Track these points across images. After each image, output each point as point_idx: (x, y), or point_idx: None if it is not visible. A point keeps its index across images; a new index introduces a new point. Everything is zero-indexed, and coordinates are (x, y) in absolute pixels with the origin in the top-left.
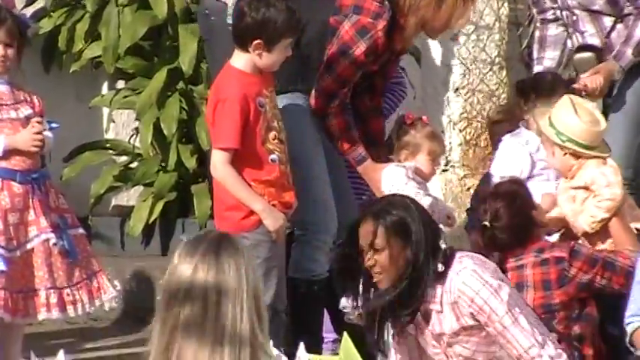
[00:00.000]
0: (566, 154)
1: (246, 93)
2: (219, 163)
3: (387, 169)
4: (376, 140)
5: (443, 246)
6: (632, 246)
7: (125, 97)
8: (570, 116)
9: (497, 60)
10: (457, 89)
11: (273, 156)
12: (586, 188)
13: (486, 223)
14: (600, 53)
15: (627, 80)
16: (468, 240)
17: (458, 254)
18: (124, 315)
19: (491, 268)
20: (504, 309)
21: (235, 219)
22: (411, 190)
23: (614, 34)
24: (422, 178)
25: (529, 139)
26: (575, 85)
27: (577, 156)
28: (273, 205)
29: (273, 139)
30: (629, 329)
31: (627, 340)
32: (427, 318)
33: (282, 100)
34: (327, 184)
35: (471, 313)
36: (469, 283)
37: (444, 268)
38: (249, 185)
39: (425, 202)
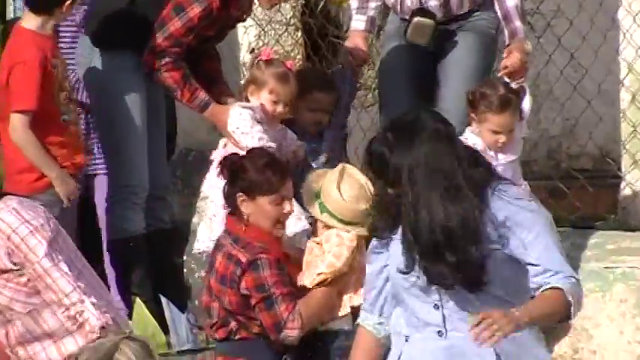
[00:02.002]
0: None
1: (43, 54)
2: (20, 125)
3: (233, 110)
4: (214, 78)
5: None
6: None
7: None
8: (333, 189)
9: (292, 21)
10: (252, 50)
11: (65, 117)
12: (320, 244)
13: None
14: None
15: (459, 34)
16: None
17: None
18: None
19: (40, 211)
20: (44, 251)
21: (27, 181)
22: (255, 134)
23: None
24: (266, 116)
25: (476, 142)
26: (500, 74)
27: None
28: (65, 167)
29: (64, 100)
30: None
31: None
32: None
33: (111, 58)
34: (142, 145)
35: (8, 253)
36: (6, 220)
37: None
38: (44, 148)
39: (269, 146)
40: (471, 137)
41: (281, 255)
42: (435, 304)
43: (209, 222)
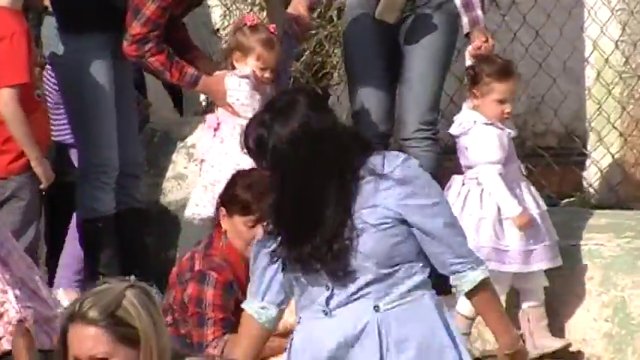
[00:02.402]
0: None
1: (26, 27)
2: (11, 100)
3: (231, 81)
4: (185, 45)
5: None
6: None
7: None
8: None
9: (257, 1)
10: (217, 30)
11: (38, 91)
12: None
13: None
14: None
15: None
16: None
17: None
18: None
19: None
20: None
21: (3, 163)
22: (255, 105)
23: None
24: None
25: (476, 119)
26: (473, 53)
27: None
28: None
29: (38, 75)
30: None
31: None
32: None
33: (79, 41)
34: (112, 124)
35: None
36: None
37: None
38: None
39: None
40: (468, 113)
41: (241, 278)
42: (327, 285)
43: (210, 188)
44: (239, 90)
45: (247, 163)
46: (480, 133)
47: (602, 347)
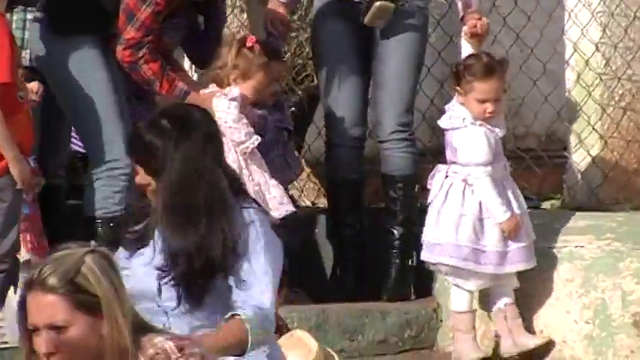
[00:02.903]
0: None
1: (9, 28)
2: None
3: (220, 103)
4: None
5: None
6: None
7: None
8: None
9: (237, 3)
10: None
11: (21, 93)
12: None
13: None
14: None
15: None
16: None
17: None
18: None
19: None
20: None
21: None
22: (242, 128)
23: None
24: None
25: (465, 116)
26: (469, 31)
27: None
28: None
29: (21, 76)
30: None
31: None
32: None
33: (67, 42)
34: (117, 121)
35: None
36: None
37: None
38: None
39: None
40: (459, 109)
41: None
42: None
43: None
44: (227, 112)
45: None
46: (469, 133)
47: (583, 349)
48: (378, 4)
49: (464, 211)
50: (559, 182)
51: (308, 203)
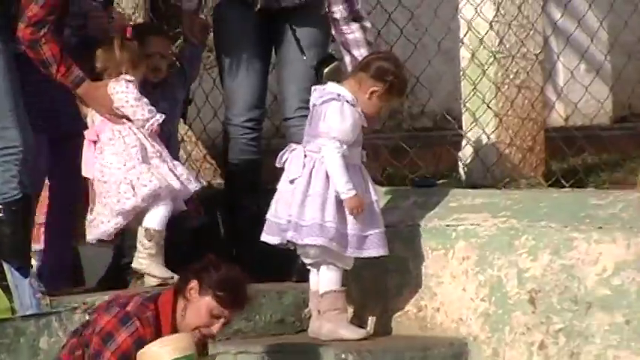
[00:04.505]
0: None
1: None
2: None
3: (118, 85)
4: None
5: None
6: None
7: None
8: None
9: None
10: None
11: None
12: None
13: None
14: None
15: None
16: None
17: None
18: None
19: None
20: None
21: None
22: (144, 105)
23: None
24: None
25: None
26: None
27: None
28: None
29: None
30: None
31: None
32: None
33: None
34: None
35: None
36: None
37: None
38: None
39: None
40: (333, 87)
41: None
42: None
43: (103, 202)
44: (127, 92)
45: (134, 162)
46: (343, 108)
47: (479, 327)
48: (326, 70)
49: (329, 195)
50: (454, 160)
51: (205, 184)
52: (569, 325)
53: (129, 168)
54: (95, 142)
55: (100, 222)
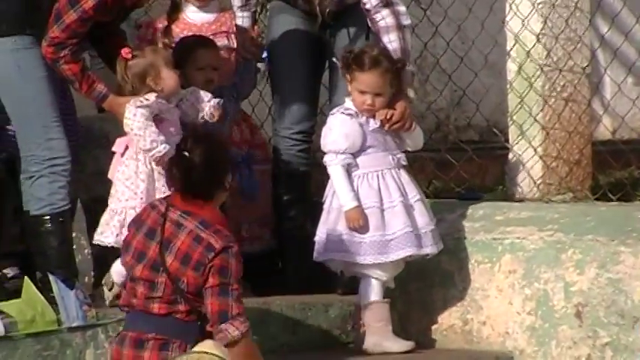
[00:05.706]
0: None
1: None
2: None
3: (128, 111)
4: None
5: None
6: None
7: None
8: None
9: None
10: (140, 25)
11: None
12: None
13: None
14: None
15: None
16: None
17: None
18: None
19: None
20: None
21: None
22: (148, 136)
23: None
24: (168, 93)
25: (349, 107)
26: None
27: None
28: None
29: None
30: None
31: None
32: None
33: (10, 42)
34: (55, 119)
35: None
36: None
37: None
38: None
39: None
40: (348, 103)
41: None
42: None
43: (112, 214)
44: (133, 120)
45: (143, 189)
46: (332, 120)
47: (525, 340)
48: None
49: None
50: (501, 174)
51: None
52: (615, 339)
53: (130, 196)
54: (122, 154)
55: (101, 232)
